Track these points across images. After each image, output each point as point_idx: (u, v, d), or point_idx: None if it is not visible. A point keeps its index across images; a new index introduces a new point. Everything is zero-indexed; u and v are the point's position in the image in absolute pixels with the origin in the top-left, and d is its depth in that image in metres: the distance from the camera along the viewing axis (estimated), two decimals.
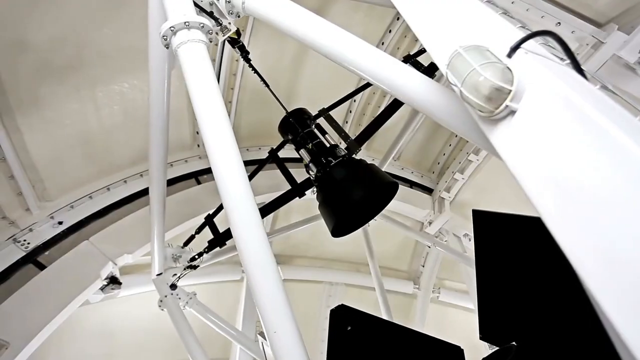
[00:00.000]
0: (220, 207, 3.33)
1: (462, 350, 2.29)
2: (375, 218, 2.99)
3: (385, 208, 2.98)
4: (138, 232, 3.57)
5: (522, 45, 0.90)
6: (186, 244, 3.56)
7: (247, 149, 4.80)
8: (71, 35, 3.01)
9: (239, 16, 2.01)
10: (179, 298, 3.36)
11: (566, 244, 0.59)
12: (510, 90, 0.81)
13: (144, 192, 4.01)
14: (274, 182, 4.11)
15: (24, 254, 3.21)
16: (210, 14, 2.01)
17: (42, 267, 3.21)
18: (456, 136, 5.56)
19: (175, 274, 3.37)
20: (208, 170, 4.55)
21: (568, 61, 0.95)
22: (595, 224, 0.56)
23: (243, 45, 2.63)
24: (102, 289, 3.42)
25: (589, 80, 0.88)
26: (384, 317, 4.33)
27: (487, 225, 2.03)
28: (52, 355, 3.67)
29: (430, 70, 3.58)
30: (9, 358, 2.64)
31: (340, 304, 2.25)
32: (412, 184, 5.69)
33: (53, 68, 3.06)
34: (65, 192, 3.59)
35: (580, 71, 0.90)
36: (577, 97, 0.67)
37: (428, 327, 5.36)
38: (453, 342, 2.34)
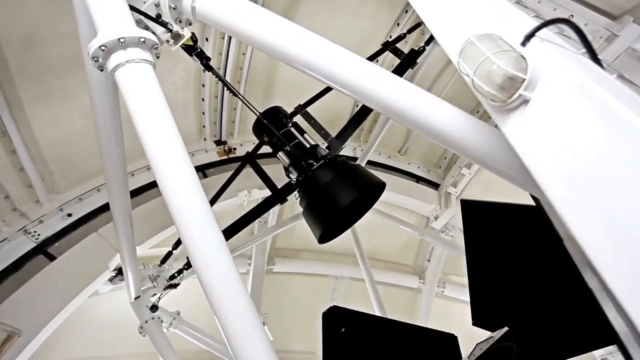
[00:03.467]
0: None
1: (456, 337, 2.31)
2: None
3: (391, 202, 2.92)
4: (145, 225, 3.61)
5: (537, 34, 0.88)
6: (164, 260, 3.33)
7: (254, 143, 4.80)
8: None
9: (190, 24, 1.69)
10: (161, 321, 3.09)
11: (578, 230, 0.59)
12: (524, 79, 0.79)
13: (152, 185, 4.05)
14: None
15: (35, 245, 3.26)
16: (157, 19, 1.64)
17: (52, 258, 3.27)
18: None
19: (155, 294, 3.14)
20: (214, 164, 4.57)
21: (584, 50, 0.93)
22: (611, 211, 0.55)
23: (201, 52, 2.27)
24: (110, 280, 3.47)
25: (605, 70, 0.86)
26: (376, 311, 4.36)
27: (475, 214, 2.05)
28: (62, 344, 3.75)
29: (412, 58, 3.45)
30: (21, 346, 2.70)
31: (332, 305, 2.25)
32: (418, 179, 5.66)
33: (62, 62, 3.08)
34: (74, 184, 3.64)
35: (596, 60, 0.87)
36: (594, 85, 0.65)
37: (433, 321, 5.36)
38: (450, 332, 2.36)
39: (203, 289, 1.19)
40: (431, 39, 3.86)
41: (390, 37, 4.57)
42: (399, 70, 3.44)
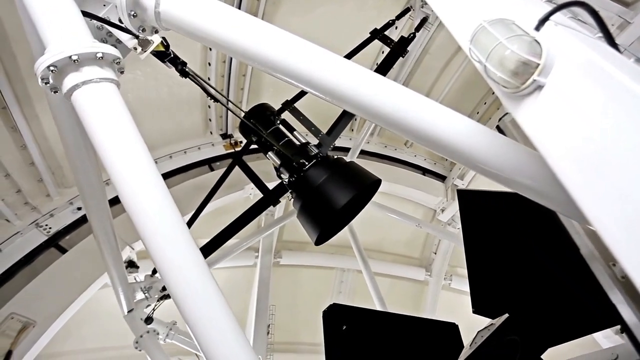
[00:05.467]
0: (191, 222, 2.90)
1: (457, 326, 2.34)
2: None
3: (397, 195, 2.86)
4: None
5: (551, 18, 0.86)
6: (155, 270, 3.13)
7: None
8: None
9: (156, 31, 1.52)
10: (157, 334, 2.99)
11: (594, 215, 0.58)
12: (538, 64, 0.78)
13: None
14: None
15: (46, 238, 3.33)
16: (119, 25, 1.42)
17: (63, 250, 3.33)
18: None
19: (149, 305, 3.03)
20: (220, 158, 4.59)
21: (600, 35, 0.90)
22: (630, 196, 0.54)
23: (175, 57, 2.11)
24: None
25: (622, 54, 0.84)
26: (377, 304, 4.39)
27: (472, 203, 2.06)
28: (75, 334, 3.83)
29: (402, 46, 3.30)
30: (36, 336, 2.78)
31: (332, 303, 2.25)
32: (425, 171, 5.63)
33: None
34: None
35: (613, 45, 0.85)
36: (613, 69, 0.64)
37: (439, 314, 5.37)
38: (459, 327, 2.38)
39: (182, 315, 1.10)
40: (421, 24, 3.70)
41: (397, 27, 4.50)
42: (389, 60, 3.30)
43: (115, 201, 3.81)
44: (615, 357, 1.42)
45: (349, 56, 3.01)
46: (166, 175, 4.19)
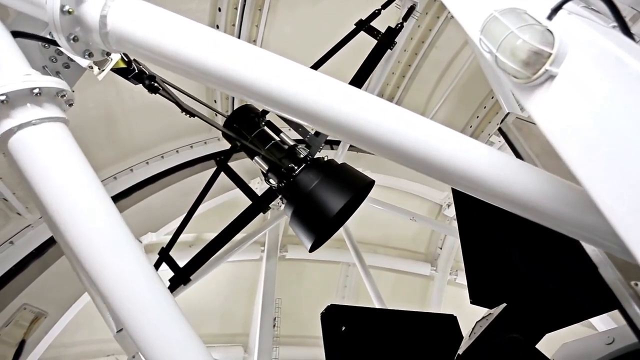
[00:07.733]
0: (176, 236, 2.77)
1: (455, 317, 2.36)
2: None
3: (402, 189, 2.81)
4: (161, 212, 3.69)
5: (564, 6, 0.84)
6: None
7: None
8: None
9: (108, 54, 1.31)
10: None
11: (609, 208, 0.57)
12: (551, 54, 0.76)
13: (164, 173, 4.14)
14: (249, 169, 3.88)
15: None
16: (73, 40, 1.11)
17: None
18: (477, 117, 5.40)
19: None
20: (226, 152, 4.61)
21: (614, 24, 0.89)
22: None
23: (140, 73, 1.87)
24: None
25: (638, 43, 0.82)
26: (375, 301, 4.40)
27: (467, 196, 2.05)
28: (86, 325, 3.91)
29: (389, 37, 3.12)
30: (48, 326, 2.84)
31: (330, 304, 2.23)
32: None
33: None
34: None
35: (628, 34, 0.83)
36: (629, 58, 0.62)
37: (445, 308, 5.38)
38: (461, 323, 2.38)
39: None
40: (409, 13, 3.57)
41: (401, 25, 4.45)
42: (376, 52, 3.10)
43: (126, 193, 3.85)
44: (612, 341, 1.41)
45: (332, 51, 2.81)
46: (172, 170, 4.23)
